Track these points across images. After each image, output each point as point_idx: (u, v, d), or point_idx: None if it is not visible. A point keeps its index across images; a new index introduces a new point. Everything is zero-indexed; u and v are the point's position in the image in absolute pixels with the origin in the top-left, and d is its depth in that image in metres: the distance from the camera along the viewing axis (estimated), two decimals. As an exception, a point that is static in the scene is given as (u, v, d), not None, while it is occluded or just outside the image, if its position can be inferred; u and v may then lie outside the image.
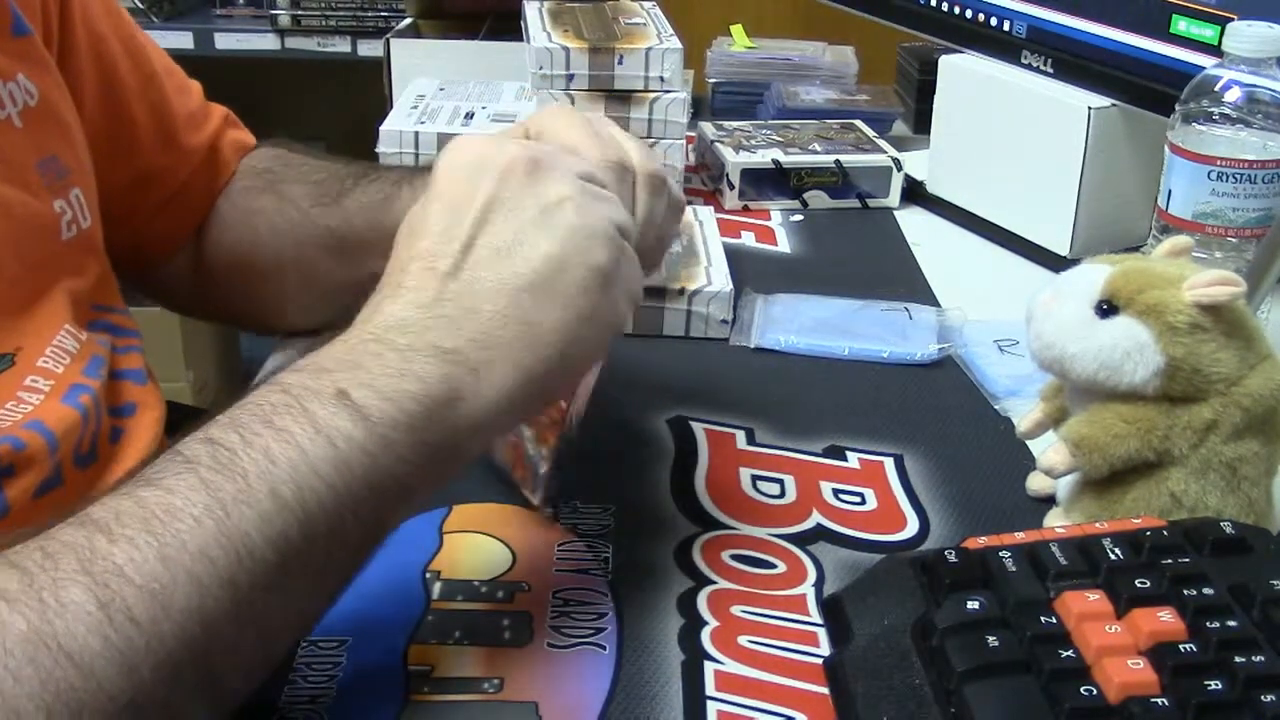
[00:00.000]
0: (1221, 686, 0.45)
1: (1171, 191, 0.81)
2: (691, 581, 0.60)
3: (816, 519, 0.65)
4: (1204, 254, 0.79)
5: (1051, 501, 0.65)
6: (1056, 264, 0.90)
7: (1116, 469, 0.59)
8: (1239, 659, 0.45)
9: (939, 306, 0.90)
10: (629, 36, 1.08)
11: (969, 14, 1.06)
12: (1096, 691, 0.45)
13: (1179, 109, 0.80)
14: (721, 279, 0.86)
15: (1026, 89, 0.99)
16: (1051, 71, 0.98)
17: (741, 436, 0.73)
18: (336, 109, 2.29)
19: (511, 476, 0.65)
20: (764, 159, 1.09)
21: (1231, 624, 0.47)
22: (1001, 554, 0.52)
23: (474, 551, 0.62)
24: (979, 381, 0.79)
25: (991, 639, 0.47)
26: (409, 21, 1.54)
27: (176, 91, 0.84)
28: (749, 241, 1.03)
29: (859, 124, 1.19)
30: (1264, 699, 0.44)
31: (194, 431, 0.47)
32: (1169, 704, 0.44)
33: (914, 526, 0.65)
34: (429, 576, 0.60)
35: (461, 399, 0.49)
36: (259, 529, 0.43)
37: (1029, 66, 1.00)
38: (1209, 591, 0.49)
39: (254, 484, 0.44)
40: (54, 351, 0.68)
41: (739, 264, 0.92)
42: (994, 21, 1.03)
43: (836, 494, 0.67)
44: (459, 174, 0.54)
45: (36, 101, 0.70)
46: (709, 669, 0.54)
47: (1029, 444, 0.71)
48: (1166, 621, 0.47)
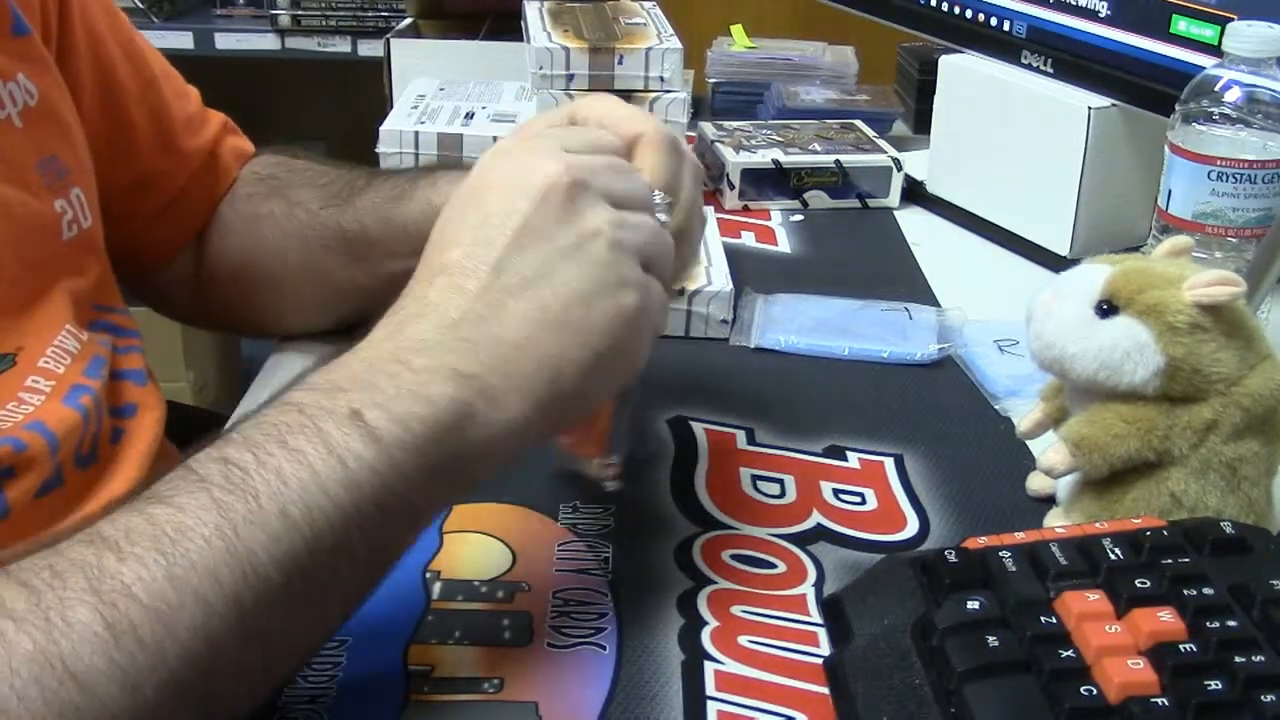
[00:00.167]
0: (1221, 686, 0.45)
1: (1171, 191, 0.81)
2: (691, 581, 0.60)
3: (816, 519, 0.65)
4: (1204, 254, 0.79)
5: (1051, 501, 0.65)
6: (1056, 264, 0.90)
7: (1116, 469, 0.59)
8: (1239, 659, 0.45)
9: (939, 306, 0.90)
10: (629, 36, 1.08)
11: (969, 14, 1.06)
12: (1096, 691, 0.45)
13: (1179, 109, 0.80)
14: (721, 279, 0.86)
15: (1026, 89, 0.99)
16: (1051, 71, 0.98)
17: (741, 436, 0.73)
18: (336, 109, 2.29)
19: (575, 457, 0.64)
20: (764, 159, 1.09)
21: (1231, 624, 0.47)
22: (1001, 554, 0.52)
23: (474, 551, 0.62)
24: (979, 381, 0.79)
25: (991, 639, 0.47)
26: (409, 21, 1.54)
27: (175, 95, 0.84)
28: (749, 241, 1.03)
29: (859, 124, 1.19)
30: (1264, 699, 0.44)
31: (208, 446, 0.47)
32: (1169, 704, 0.44)
33: (914, 526, 0.65)
34: (429, 576, 0.60)
35: (473, 424, 0.49)
36: (267, 549, 0.44)
37: (1029, 66, 1.00)
38: (1209, 591, 0.49)
39: (265, 504, 0.44)
40: (55, 352, 0.68)
41: (739, 264, 0.92)
42: (994, 21, 1.03)
43: (836, 494, 0.67)
44: (497, 186, 0.53)
45: (36, 101, 0.70)
46: (709, 669, 0.54)
47: (1029, 444, 0.71)
48: (1166, 621, 0.47)
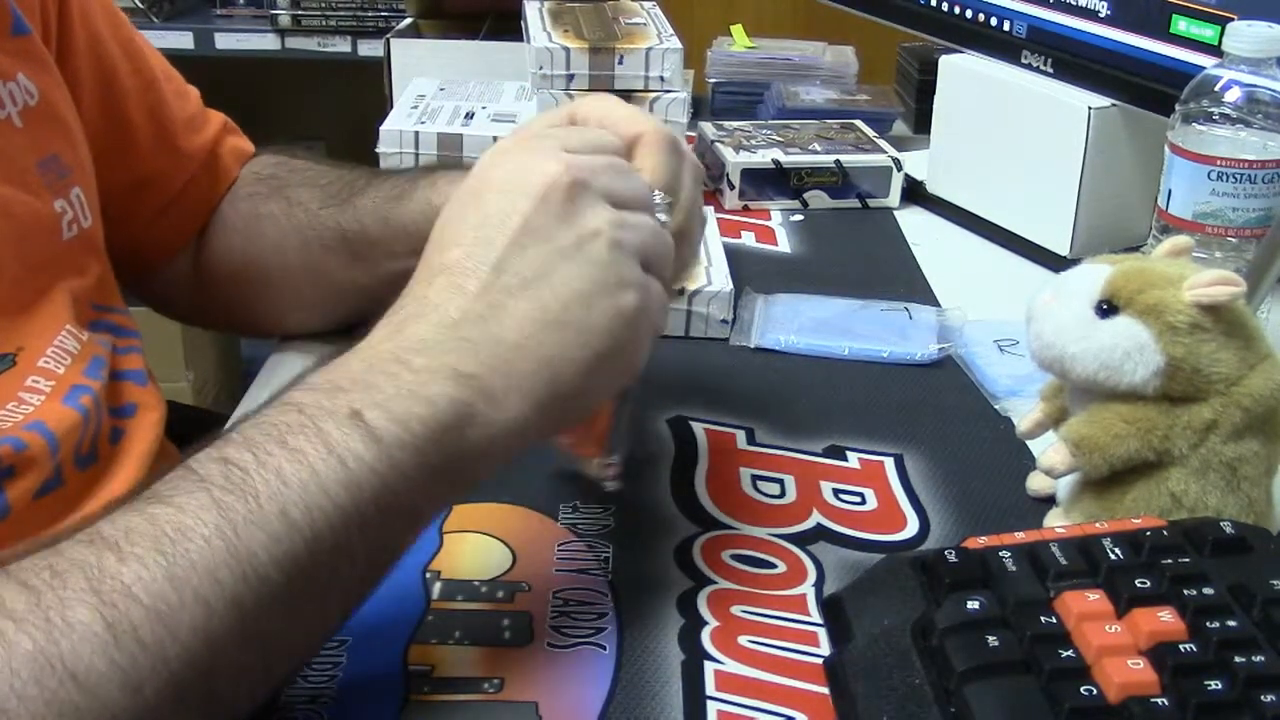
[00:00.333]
0: (1221, 686, 0.45)
1: (1171, 191, 0.81)
2: (691, 581, 0.60)
3: (816, 519, 0.65)
4: (1204, 254, 0.79)
5: (1051, 501, 0.65)
6: (1056, 264, 0.90)
7: (1116, 469, 0.59)
8: (1239, 659, 0.45)
9: (939, 306, 0.90)
10: (629, 36, 1.08)
11: (969, 14, 1.06)
12: (1096, 691, 0.45)
13: (1179, 109, 0.80)
14: (721, 279, 0.85)
15: (1026, 89, 0.99)
16: (1051, 71, 0.98)
17: (741, 436, 0.73)
18: (336, 109, 2.30)
19: (575, 457, 0.64)
20: (764, 159, 1.09)
21: (1231, 624, 0.47)
22: (1001, 554, 0.52)
23: (474, 551, 0.61)
24: (979, 381, 0.79)
25: (991, 639, 0.47)
26: (409, 21, 1.54)
27: (175, 95, 0.84)
28: (749, 241, 1.03)
29: (859, 124, 1.19)
30: (1264, 699, 0.44)
31: (208, 445, 0.47)
32: (1169, 704, 0.44)
33: (914, 526, 0.65)
34: (429, 576, 0.60)
35: (472, 424, 0.49)
36: (267, 549, 0.44)
37: (1029, 66, 1.00)
38: (1209, 591, 0.49)
39: (265, 505, 0.44)
40: (55, 352, 0.68)
41: (739, 264, 0.92)
42: (994, 21, 1.03)
43: (836, 494, 0.67)
44: (497, 186, 0.53)
45: (37, 101, 0.70)
46: (709, 669, 0.54)
47: (1029, 444, 0.71)
48: (1166, 621, 0.47)
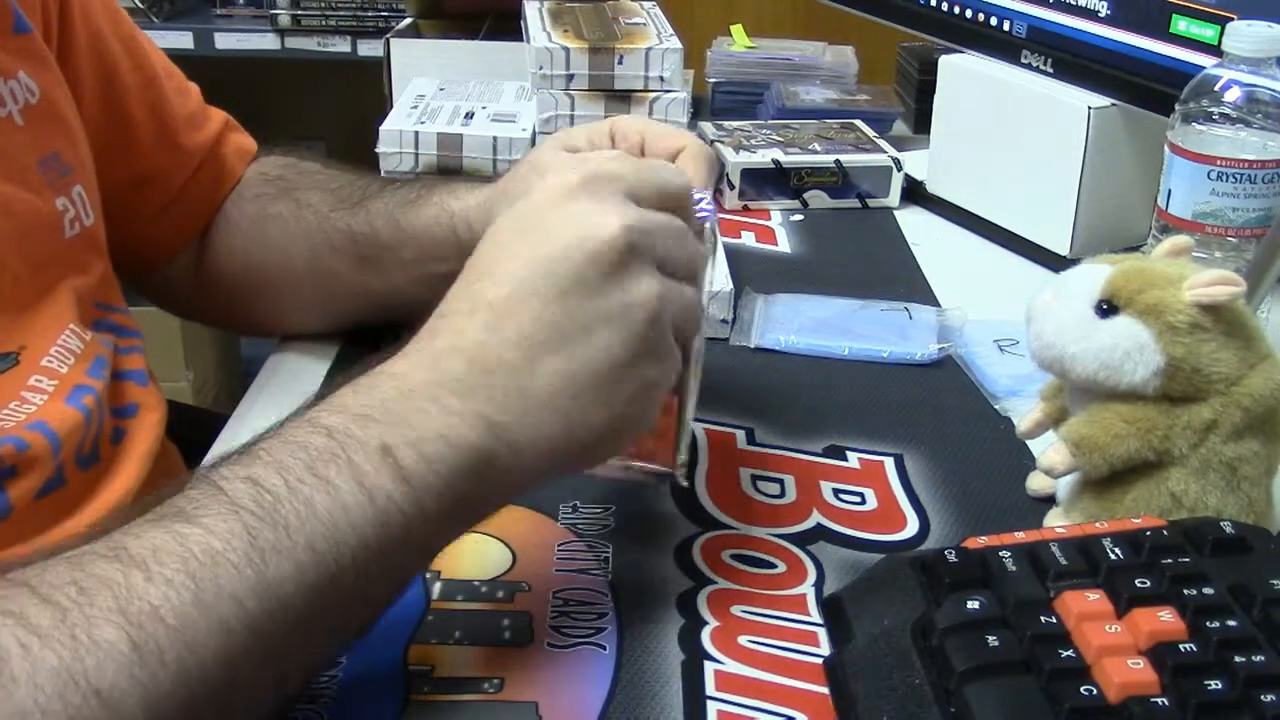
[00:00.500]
0: (1221, 686, 0.45)
1: (1171, 191, 0.81)
2: (691, 581, 0.60)
3: (816, 519, 0.65)
4: (1204, 254, 0.79)
5: (1051, 501, 0.65)
6: (1056, 264, 0.90)
7: (1116, 469, 0.59)
8: (1239, 659, 0.45)
9: (939, 306, 0.90)
10: (629, 36, 1.08)
11: (969, 14, 1.06)
12: (1096, 691, 0.45)
13: (1179, 109, 0.80)
14: (721, 279, 0.85)
15: (1026, 89, 0.99)
16: (1051, 71, 0.98)
17: (741, 436, 0.73)
18: (336, 109, 2.29)
19: (635, 465, 0.63)
20: (764, 159, 1.09)
21: (1231, 624, 0.47)
22: (1001, 554, 0.52)
23: (474, 551, 0.61)
24: (979, 381, 0.79)
25: (991, 639, 0.47)
26: (409, 21, 1.53)
27: (176, 92, 0.84)
28: (749, 241, 1.03)
29: (859, 124, 1.19)
30: (1264, 699, 0.44)
31: (231, 459, 0.47)
32: (1169, 704, 0.44)
33: (914, 526, 0.65)
34: (429, 576, 0.60)
35: (492, 470, 0.50)
36: (294, 579, 0.44)
37: (1029, 66, 1.00)
38: (1209, 591, 0.49)
39: (294, 536, 0.45)
40: (58, 351, 0.68)
41: (739, 264, 0.92)
42: (994, 21, 1.03)
43: (836, 494, 0.67)
44: (554, 232, 0.52)
45: (38, 99, 0.70)
46: (709, 669, 0.54)
47: (1029, 444, 0.71)
48: (1166, 621, 0.47)
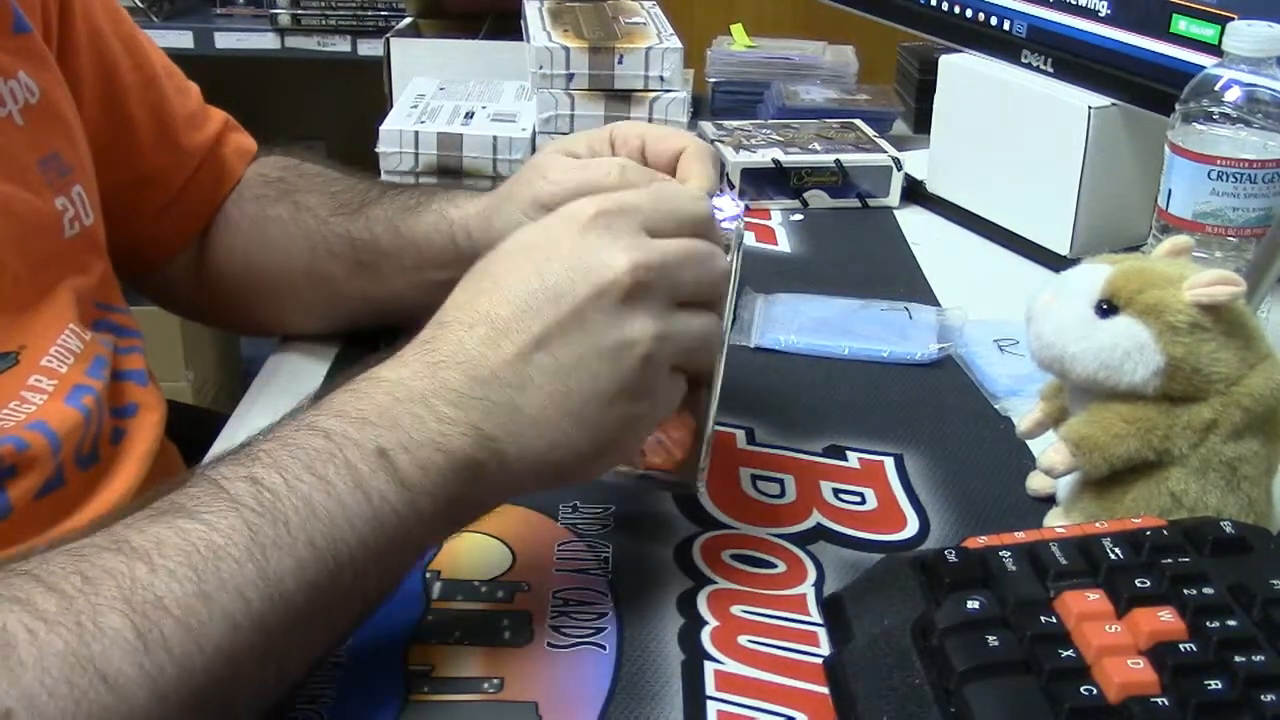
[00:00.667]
0: (1221, 686, 0.45)
1: (1171, 191, 0.81)
2: (691, 581, 0.60)
3: (816, 519, 0.65)
4: (1204, 254, 0.79)
5: (1051, 501, 0.65)
6: (1056, 264, 0.90)
7: (1116, 469, 0.59)
8: (1239, 659, 0.45)
9: (939, 306, 0.90)
10: (629, 36, 1.08)
11: (969, 14, 1.06)
12: (1096, 691, 0.45)
13: (1179, 109, 0.80)
14: (722, 279, 0.85)
15: (1026, 89, 0.99)
16: (1051, 71, 0.98)
17: (741, 436, 0.73)
18: (336, 109, 2.29)
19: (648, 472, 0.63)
20: (764, 158, 1.09)
21: (1231, 624, 0.47)
22: (1001, 554, 0.52)
23: (474, 551, 0.61)
24: (979, 381, 0.79)
25: (991, 639, 0.47)
26: (409, 21, 1.53)
27: (175, 92, 0.84)
28: (749, 241, 1.02)
29: (859, 123, 1.19)
30: (1264, 699, 0.44)
31: (229, 458, 0.48)
32: (1169, 704, 0.44)
33: (914, 526, 0.65)
34: (429, 576, 0.60)
35: (480, 480, 0.51)
36: (294, 575, 0.45)
37: (1029, 66, 1.00)
38: (1209, 591, 0.49)
39: (294, 532, 0.46)
40: (58, 351, 0.68)
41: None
42: (994, 21, 1.03)
43: (836, 494, 0.67)
44: (564, 258, 0.53)
45: (37, 99, 0.70)
46: (709, 669, 0.54)
47: (1029, 444, 0.71)
48: (1166, 621, 0.47)
